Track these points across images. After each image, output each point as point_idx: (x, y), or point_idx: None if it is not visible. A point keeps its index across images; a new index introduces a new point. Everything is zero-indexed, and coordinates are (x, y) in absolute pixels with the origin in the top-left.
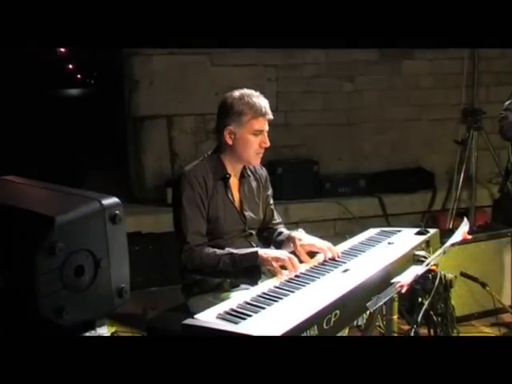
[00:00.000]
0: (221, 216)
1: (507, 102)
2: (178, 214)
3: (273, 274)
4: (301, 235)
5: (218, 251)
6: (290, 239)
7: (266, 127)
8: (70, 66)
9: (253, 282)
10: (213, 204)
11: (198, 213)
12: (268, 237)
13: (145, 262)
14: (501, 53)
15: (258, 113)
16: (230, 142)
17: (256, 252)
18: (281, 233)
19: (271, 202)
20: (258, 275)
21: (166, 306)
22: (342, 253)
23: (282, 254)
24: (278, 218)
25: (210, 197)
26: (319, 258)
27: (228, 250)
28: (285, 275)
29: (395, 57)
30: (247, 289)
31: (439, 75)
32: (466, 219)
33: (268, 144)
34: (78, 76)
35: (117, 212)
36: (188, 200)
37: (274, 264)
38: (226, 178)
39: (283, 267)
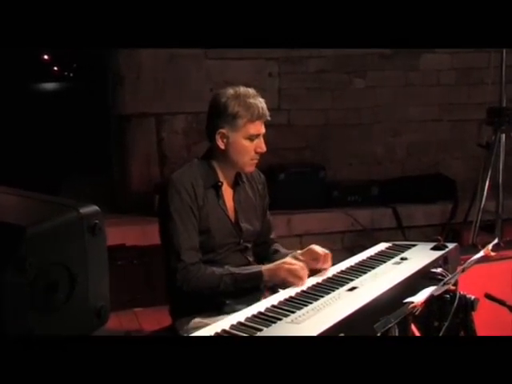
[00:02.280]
0: (213, 228)
1: None
2: (167, 227)
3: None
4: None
5: (218, 271)
6: None
7: (263, 130)
8: (46, 57)
9: (253, 301)
10: (203, 214)
11: (190, 225)
12: (261, 254)
13: (129, 278)
14: None
15: (255, 116)
16: (222, 146)
17: (260, 271)
18: (277, 251)
19: (268, 212)
20: (259, 295)
21: (151, 329)
22: (349, 269)
23: (287, 262)
24: (273, 234)
25: (200, 206)
26: (323, 274)
27: (228, 268)
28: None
29: (412, 50)
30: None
31: (462, 70)
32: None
33: (264, 149)
34: (55, 68)
35: (96, 222)
36: (177, 211)
37: (289, 278)
38: (217, 186)
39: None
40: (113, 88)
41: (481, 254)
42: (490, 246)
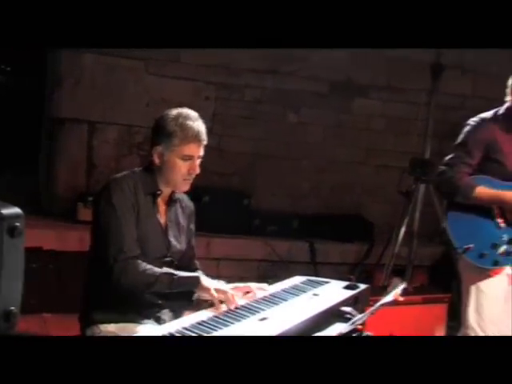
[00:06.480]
0: (145, 234)
1: (448, 157)
2: (108, 221)
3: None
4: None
5: (156, 269)
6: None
7: (199, 153)
8: None
9: (184, 306)
10: (139, 218)
11: (132, 221)
12: None
13: (41, 282)
14: (460, 103)
15: (190, 138)
16: (157, 162)
17: (198, 277)
18: None
19: (193, 240)
20: (190, 301)
21: (59, 335)
22: (262, 299)
23: (224, 287)
24: (197, 262)
25: (138, 210)
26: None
27: (167, 269)
28: (222, 308)
29: (347, 92)
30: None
31: (392, 118)
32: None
33: (197, 171)
34: None
35: (17, 224)
36: (120, 206)
37: (215, 295)
38: (156, 195)
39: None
40: (50, 89)
41: (390, 297)
42: (398, 291)
